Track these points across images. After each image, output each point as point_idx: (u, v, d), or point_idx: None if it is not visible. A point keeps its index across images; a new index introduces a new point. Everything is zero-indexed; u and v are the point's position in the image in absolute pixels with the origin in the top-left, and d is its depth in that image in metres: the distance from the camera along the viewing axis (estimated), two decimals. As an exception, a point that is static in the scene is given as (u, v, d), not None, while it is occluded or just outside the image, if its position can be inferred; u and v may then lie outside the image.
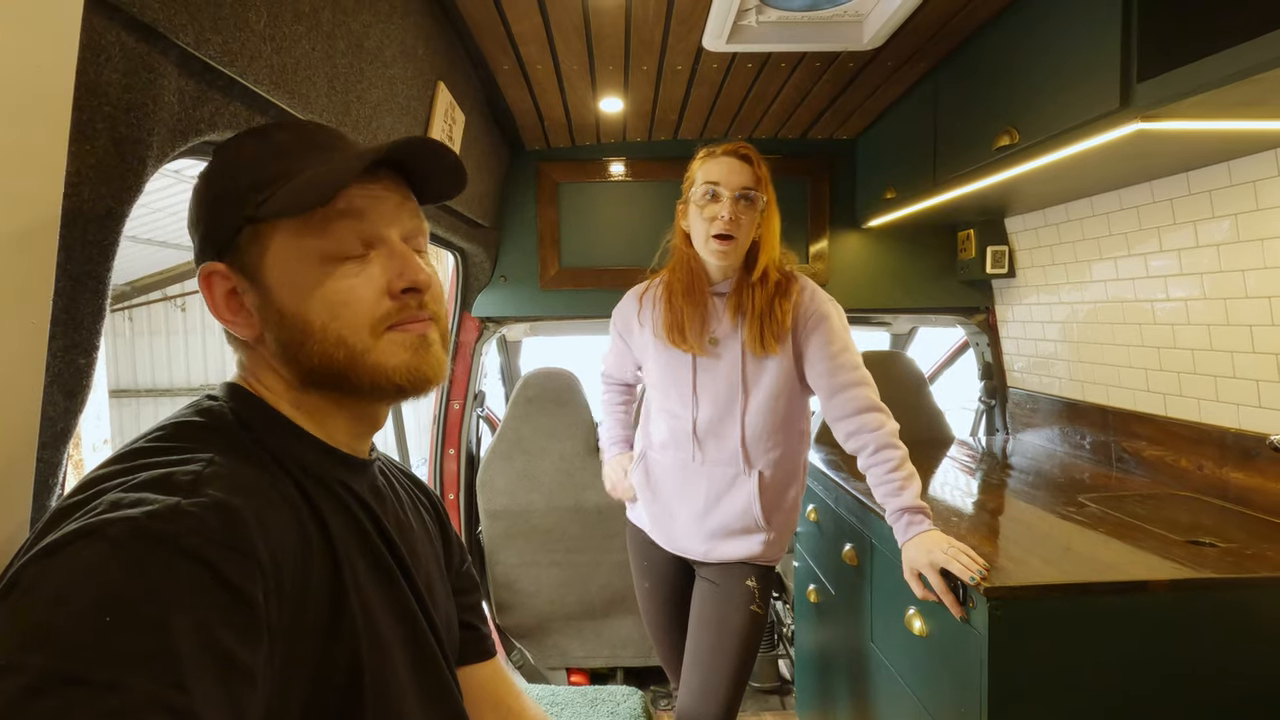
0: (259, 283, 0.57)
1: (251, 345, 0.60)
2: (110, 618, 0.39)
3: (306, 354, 0.57)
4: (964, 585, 1.11)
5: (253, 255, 0.57)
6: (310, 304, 0.56)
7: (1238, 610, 1.07)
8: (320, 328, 0.56)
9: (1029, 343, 2.19)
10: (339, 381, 0.58)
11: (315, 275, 0.56)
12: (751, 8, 1.39)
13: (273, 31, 0.77)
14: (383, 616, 0.58)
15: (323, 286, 0.56)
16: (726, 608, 1.41)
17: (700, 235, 1.33)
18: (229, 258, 0.58)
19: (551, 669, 2.46)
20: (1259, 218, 1.33)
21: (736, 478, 1.40)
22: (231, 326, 0.59)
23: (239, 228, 0.57)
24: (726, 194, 1.29)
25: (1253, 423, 1.40)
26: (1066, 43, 1.23)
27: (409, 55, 1.18)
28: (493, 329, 2.40)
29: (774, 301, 1.34)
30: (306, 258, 0.56)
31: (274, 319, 0.57)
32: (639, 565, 1.59)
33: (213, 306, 0.59)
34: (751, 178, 1.31)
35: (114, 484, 0.47)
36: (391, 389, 0.59)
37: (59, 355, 0.58)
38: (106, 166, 0.59)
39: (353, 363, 0.57)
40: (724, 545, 1.42)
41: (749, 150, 1.33)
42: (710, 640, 1.41)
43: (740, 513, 1.40)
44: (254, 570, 0.46)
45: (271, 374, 0.60)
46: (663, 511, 1.48)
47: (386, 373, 0.58)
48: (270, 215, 0.56)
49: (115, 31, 0.57)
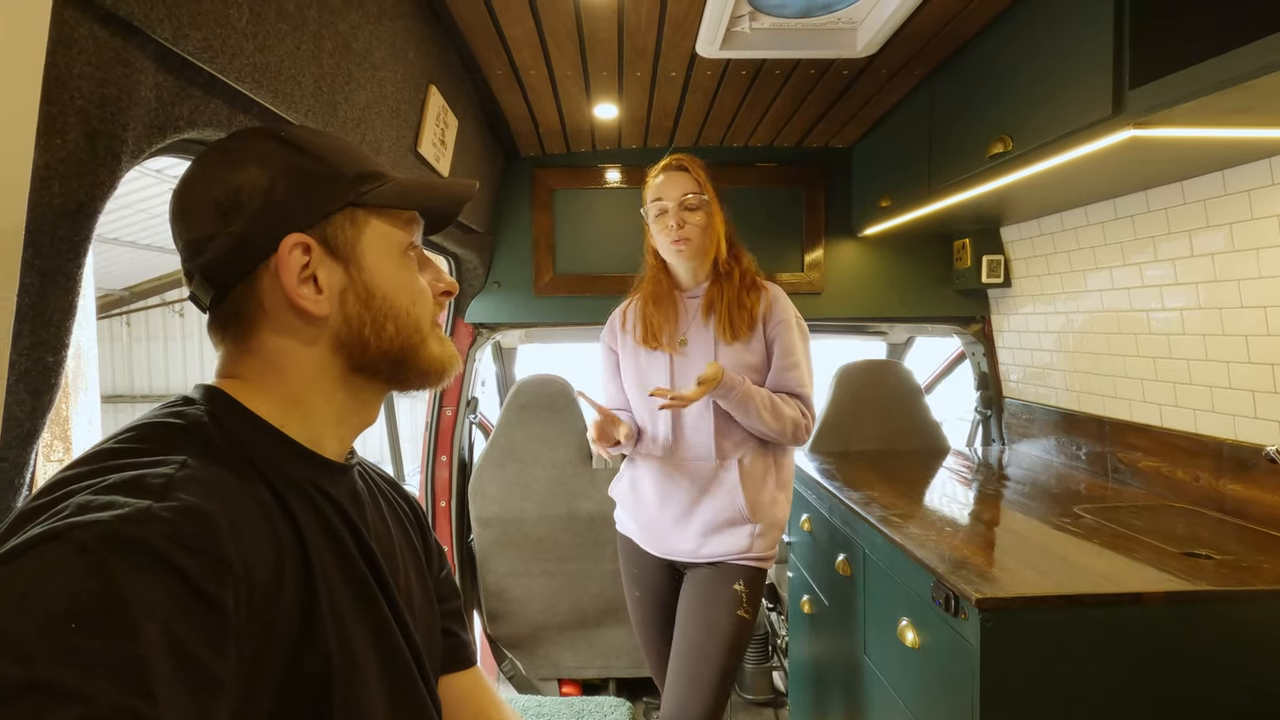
0: (352, 262, 0.60)
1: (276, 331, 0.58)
2: (76, 624, 0.37)
3: (386, 335, 0.61)
4: (957, 598, 1.10)
5: (347, 236, 0.60)
6: (399, 288, 0.62)
7: (1233, 623, 1.05)
8: (405, 311, 0.62)
9: (1025, 353, 2.18)
10: (400, 363, 0.63)
11: (403, 265, 0.63)
12: (745, 14, 1.39)
13: (255, 29, 0.77)
14: (355, 628, 0.57)
15: (409, 276, 0.64)
16: (714, 611, 1.43)
17: (663, 246, 1.49)
18: (314, 234, 0.58)
19: (543, 680, 2.43)
20: (1253, 227, 1.33)
21: (718, 470, 1.46)
22: (303, 300, 0.57)
23: (339, 208, 0.59)
24: (671, 205, 1.45)
25: (1249, 433, 1.39)
26: (1059, 50, 1.23)
27: (399, 58, 1.18)
28: (486, 335, 2.39)
29: (740, 294, 1.47)
30: (396, 249, 0.63)
31: (359, 298, 0.60)
32: (629, 573, 1.61)
33: (288, 277, 0.57)
34: (690, 183, 1.46)
35: (82, 485, 0.45)
36: (437, 376, 0.66)
37: (25, 353, 0.56)
38: (78, 161, 0.58)
39: (419, 347, 0.64)
40: (713, 541, 1.45)
41: (684, 160, 1.49)
42: (695, 644, 1.42)
43: (725, 504, 1.45)
44: (226, 576, 0.45)
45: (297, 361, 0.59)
46: (649, 515, 1.51)
47: (439, 361, 0.66)
48: (379, 204, 0.62)
49: (88, 24, 0.56)
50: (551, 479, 2.29)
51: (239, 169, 0.57)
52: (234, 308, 0.59)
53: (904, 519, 1.44)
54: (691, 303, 1.51)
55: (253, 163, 0.58)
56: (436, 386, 0.68)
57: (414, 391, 0.71)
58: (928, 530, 1.37)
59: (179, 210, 0.59)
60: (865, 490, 1.68)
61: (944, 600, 1.13)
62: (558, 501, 2.29)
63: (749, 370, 1.47)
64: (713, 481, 1.46)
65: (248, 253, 0.57)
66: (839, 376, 2.30)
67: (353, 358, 0.61)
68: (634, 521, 1.56)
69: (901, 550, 1.29)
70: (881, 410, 2.27)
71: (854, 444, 2.25)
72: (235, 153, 0.59)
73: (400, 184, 0.64)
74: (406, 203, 0.64)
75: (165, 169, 5.21)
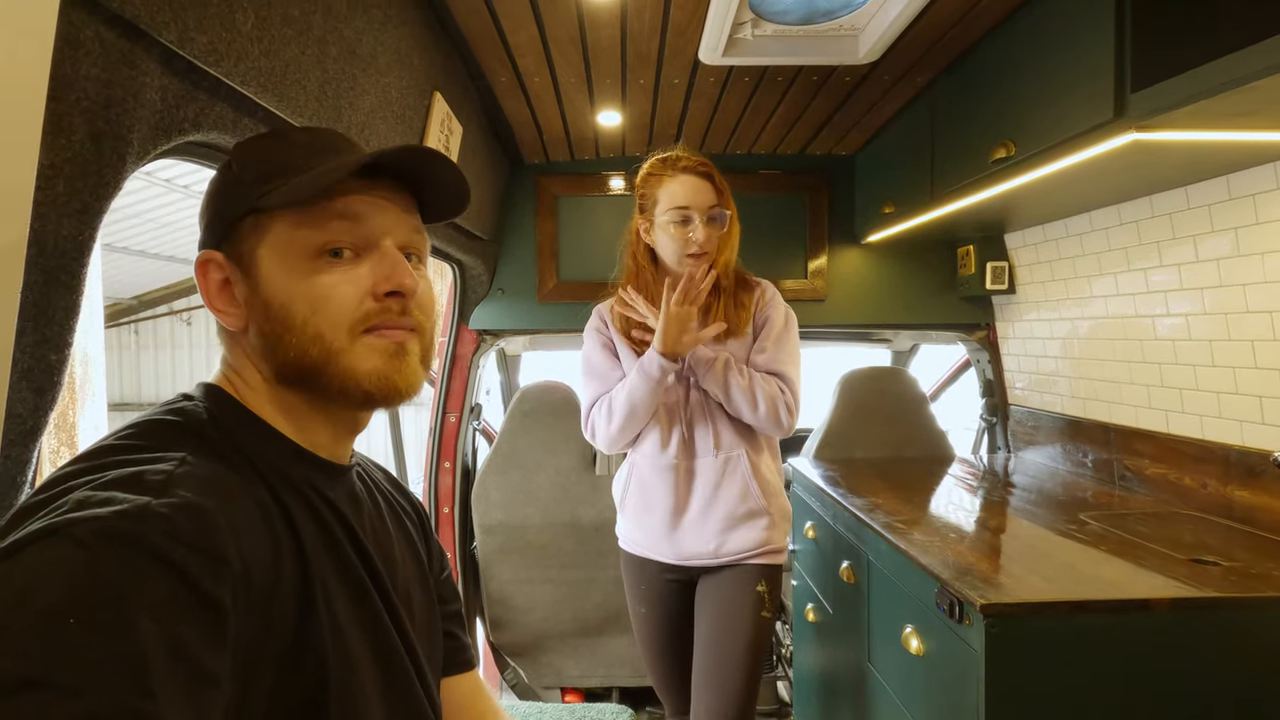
0: (250, 273, 0.58)
1: (236, 338, 0.60)
2: (74, 620, 0.37)
3: (284, 347, 0.57)
4: (961, 605, 1.09)
5: (249, 245, 0.58)
6: (295, 297, 0.56)
7: (1242, 630, 1.04)
8: (301, 321, 0.56)
9: (1030, 359, 2.17)
10: (311, 380, 0.58)
11: (304, 269, 0.57)
12: (747, 21, 1.40)
13: (261, 33, 0.78)
14: (351, 629, 0.56)
15: (309, 281, 0.57)
16: (737, 617, 1.40)
17: (673, 254, 1.40)
18: (226, 247, 0.59)
19: (546, 688, 2.42)
20: (1259, 232, 1.32)
21: (727, 462, 1.44)
22: (220, 316, 0.60)
23: (240, 217, 0.58)
24: (697, 217, 1.36)
25: (1257, 439, 1.38)
26: (1060, 54, 1.23)
27: (404, 64, 1.19)
28: (490, 341, 2.39)
29: (736, 294, 1.46)
30: (299, 252, 0.57)
31: (259, 310, 0.57)
32: (635, 590, 1.55)
33: (205, 294, 0.59)
34: (715, 195, 1.39)
35: (82, 482, 0.45)
36: (359, 395, 0.58)
37: (28, 350, 0.57)
38: (83, 161, 0.58)
39: (326, 362, 0.57)
40: (733, 537, 1.42)
41: (709, 166, 1.40)
42: (722, 652, 1.39)
43: (740, 495, 1.43)
44: (224, 574, 0.45)
45: (251, 369, 0.60)
46: (662, 521, 1.46)
47: (357, 378, 0.57)
48: (271, 206, 0.57)
49: (94, 26, 0.57)
50: (555, 486, 2.29)
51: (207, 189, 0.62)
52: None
53: (909, 526, 1.43)
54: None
55: (211, 182, 0.62)
56: (366, 408, 0.61)
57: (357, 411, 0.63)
58: (932, 537, 1.36)
59: None
60: (870, 497, 1.67)
61: (949, 607, 1.12)
62: (561, 509, 2.29)
63: (743, 357, 1.46)
64: (725, 474, 1.43)
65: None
66: (843, 384, 2.29)
67: (275, 370, 0.58)
68: (645, 531, 1.49)
69: (906, 557, 1.28)
70: (886, 418, 2.26)
71: (858, 451, 2.23)
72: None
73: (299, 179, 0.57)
74: (298, 198, 0.56)
75: (174, 178, 5.25)
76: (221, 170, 0.62)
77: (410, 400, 0.62)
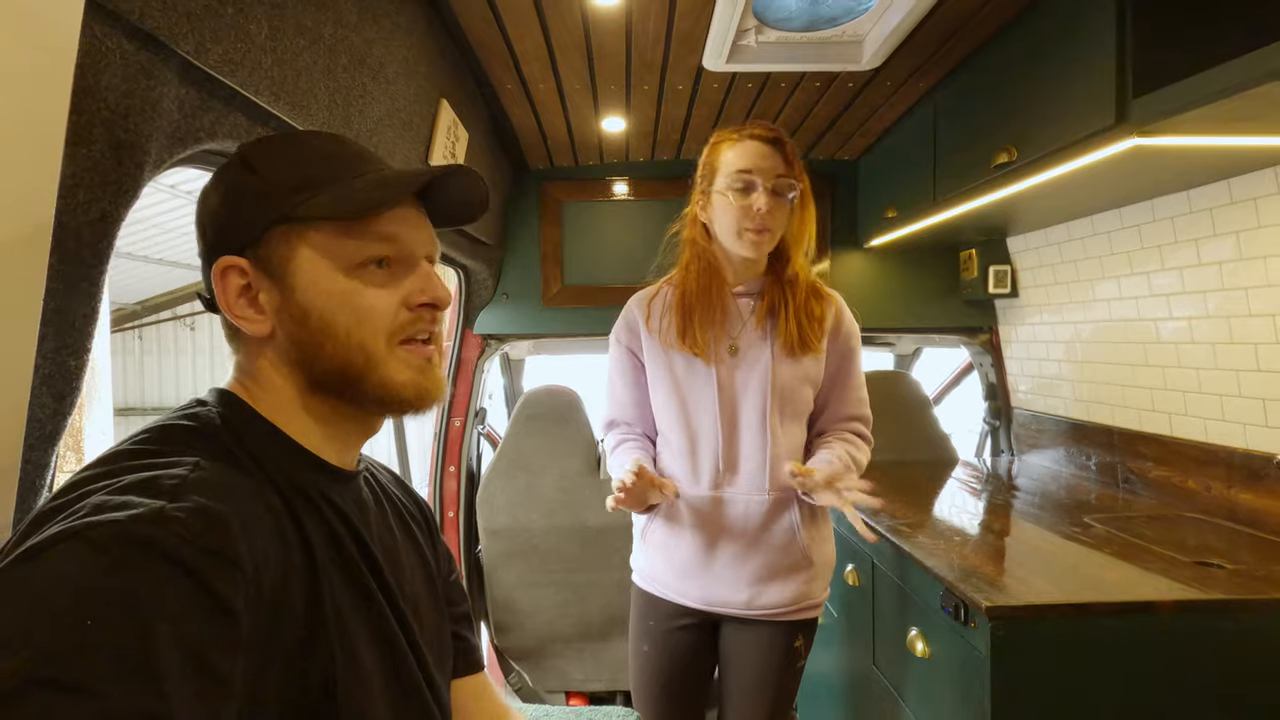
0: (283, 281, 0.58)
1: (256, 344, 0.60)
2: (91, 622, 0.38)
3: (325, 357, 0.58)
4: (967, 607, 1.09)
5: (280, 254, 0.57)
6: (337, 307, 0.58)
7: (1247, 633, 1.04)
8: (344, 332, 0.58)
9: (1033, 363, 2.17)
10: (348, 388, 0.59)
11: (346, 281, 0.58)
12: (750, 28, 1.41)
13: (274, 44, 0.79)
14: (359, 633, 0.57)
15: (352, 293, 0.58)
16: (772, 675, 1.24)
17: (730, 228, 1.19)
18: (250, 254, 0.58)
19: (550, 692, 2.42)
20: (1260, 235, 1.33)
21: (776, 504, 1.22)
22: (241, 322, 0.59)
23: (269, 225, 0.57)
24: (761, 183, 1.16)
25: (1260, 442, 1.38)
26: (1062, 60, 1.24)
27: (411, 72, 1.20)
28: (495, 346, 2.40)
29: (808, 301, 1.24)
30: (342, 263, 0.58)
31: (295, 319, 0.58)
32: (642, 625, 1.33)
33: (224, 300, 0.58)
34: (785, 165, 1.18)
35: (98, 486, 0.46)
36: (397, 403, 0.61)
37: (49, 356, 0.58)
38: (103, 170, 0.59)
39: (368, 371, 0.59)
40: (768, 591, 1.22)
41: (779, 133, 1.20)
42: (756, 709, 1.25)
43: (784, 546, 1.23)
44: (236, 578, 0.45)
45: (273, 374, 0.60)
46: (692, 559, 1.25)
47: (395, 388, 0.60)
48: (315, 216, 0.57)
49: (115, 38, 0.58)
50: (559, 490, 2.30)
51: (209, 192, 0.60)
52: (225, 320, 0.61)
53: (913, 529, 1.44)
54: (743, 303, 1.25)
55: (218, 184, 0.60)
56: (400, 415, 0.63)
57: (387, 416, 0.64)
58: (937, 540, 1.36)
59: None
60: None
61: (954, 609, 1.13)
62: (566, 513, 2.29)
63: (807, 384, 1.25)
64: (771, 520, 1.22)
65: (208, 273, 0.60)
66: (846, 387, 2.30)
67: (307, 377, 0.59)
68: (668, 567, 1.28)
69: (911, 560, 1.29)
70: (890, 421, 2.26)
71: (862, 455, 2.24)
72: (216, 174, 0.61)
73: (345, 189, 0.58)
74: (345, 209, 0.57)
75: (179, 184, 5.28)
76: (235, 174, 0.59)
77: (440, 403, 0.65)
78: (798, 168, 1.20)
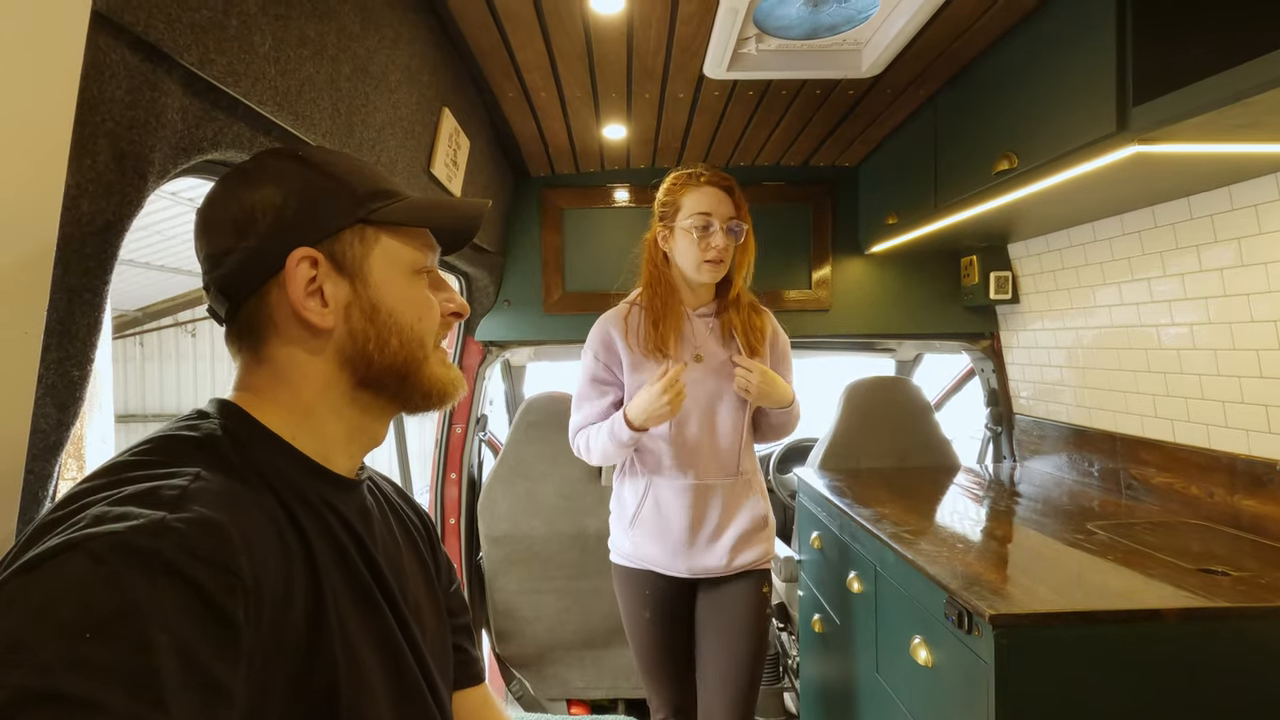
0: (358, 277, 0.61)
1: (305, 339, 0.60)
2: (91, 634, 0.38)
3: (389, 351, 0.62)
4: (970, 615, 1.09)
5: (356, 251, 0.61)
6: (404, 305, 0.63)
7: (1252, 640, 1.04)
8: (409, 326, 0.63)
9: (1034, 369, 2.17)
10: (402, 382, 0.64)
11: (408, 282, 0.64)
12: (751, 36, 1.42)
13: (277, 54, 0.79)
14: (362, 642, 0.57)
15: (416, 292, 0.65)
16: (750, 620, 1.50)
17: (691, 260, 1.44)
18: (323, 249, 0.60)
19: (552, 700, 2.41)
20: (1262, 241, 1.33)
21: (744, 484, 1.51)
22: (309, 314, 0.59)
23: (346, 224, 0.61)
24: (718, 225, 1.43)
25: (1263, 448, 1.38)
26: (1063, 67, 1.24)
27: (413, 80, 1.21)
28: (496, 353, 2.40)
29: (750, 317, 1.52)
30: (405, 267, 0.64)
31: (364, 313, 0.61)
32: (638, 596, 1.55)
33: (294, 289, 0.59)
34: (735, 209, 1.45)
35: (99, 498, 0.46)
36: (440, 396, 0.67)
37: (52, 367, 0.58)
38: (107, 181, 0.59)
39: (421, 364, 0.64)
40: (745, 552, 1.50)
41: (731, 181, 1.47)
42: (740, 652, 1.49)
43: (753, 516, 1.51)
44: (237, 589, 0.45)
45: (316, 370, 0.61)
46: (679, 540, 1.49)
47: (441, 383, 0.66)
48: (391, 221, 0.63)
49: (120, 50, 0.58)
50: (560, 497, 2.29)
51: (256, 188, 0.60)
52: (247, 320, 0.61)
53: (915, 536, 1.43)
54: (705, 321, 1.51)
55: (269, 182, 0.60)
56: (439, 408, 0.68)
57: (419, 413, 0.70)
58: (940, 547, 1.36)
59: (201, 227, 0.62)
60: (876, 507, 1.68)
61: (957, 617, 1.12)
62: (567, 519, 2.29)
63: None
64: (742, 497, 1.51)
65: (259, 266, 0.59)
66: (848, 393, 2.30)
67: (358, 372, 0.62)
68: (660, 549, 1.50)
69: (913, 567, 1.29)
70: (891, 427, 2.27)
71: (864, 461, 2.24)
72: (254, 173, 0.61)
73: (412, 202, 0.65)
74: (416, 219, 0.65)
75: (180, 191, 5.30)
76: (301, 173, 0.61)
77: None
78: (744, 210, 1.47)
